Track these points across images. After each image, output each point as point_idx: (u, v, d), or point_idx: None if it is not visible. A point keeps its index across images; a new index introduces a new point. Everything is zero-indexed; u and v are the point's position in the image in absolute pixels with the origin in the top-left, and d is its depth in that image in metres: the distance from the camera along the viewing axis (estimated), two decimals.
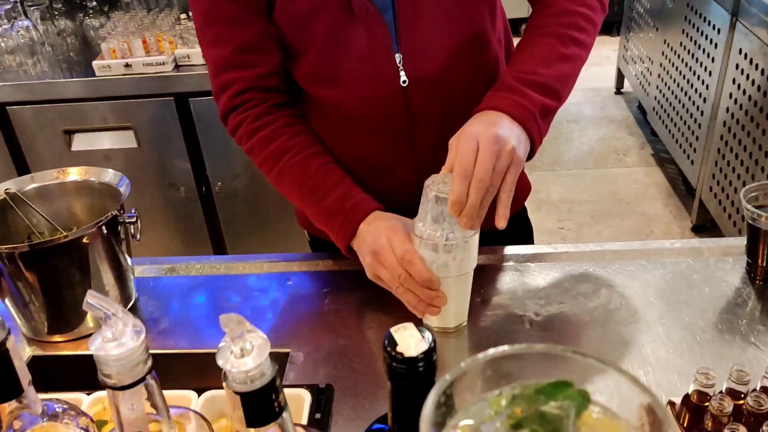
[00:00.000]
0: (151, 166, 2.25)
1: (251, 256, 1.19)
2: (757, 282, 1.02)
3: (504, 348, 0.38)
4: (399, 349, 0.43)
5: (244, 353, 0.40)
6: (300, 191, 1.03)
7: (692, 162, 2.76)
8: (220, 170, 2.26)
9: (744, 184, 2.22)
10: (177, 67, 2.12)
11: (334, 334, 0.99)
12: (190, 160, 2.23)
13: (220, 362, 0.41)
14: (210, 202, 2.34)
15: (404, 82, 1.01)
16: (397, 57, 1.00)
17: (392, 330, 0.44)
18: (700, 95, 2.62)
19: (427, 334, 0.45)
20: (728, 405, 0.71)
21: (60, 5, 2.42)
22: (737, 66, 2.27)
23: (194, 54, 2.11)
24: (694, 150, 2.72)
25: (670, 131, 3.04)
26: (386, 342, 0.44)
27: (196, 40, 2.12)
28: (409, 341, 0.43)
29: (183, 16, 2.28)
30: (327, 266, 1.15)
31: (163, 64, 2.07)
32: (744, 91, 2.22)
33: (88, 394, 0.83)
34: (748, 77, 2.18)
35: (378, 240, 0.93)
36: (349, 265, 1.13)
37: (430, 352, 0.43)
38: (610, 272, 1.08)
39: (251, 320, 0.43)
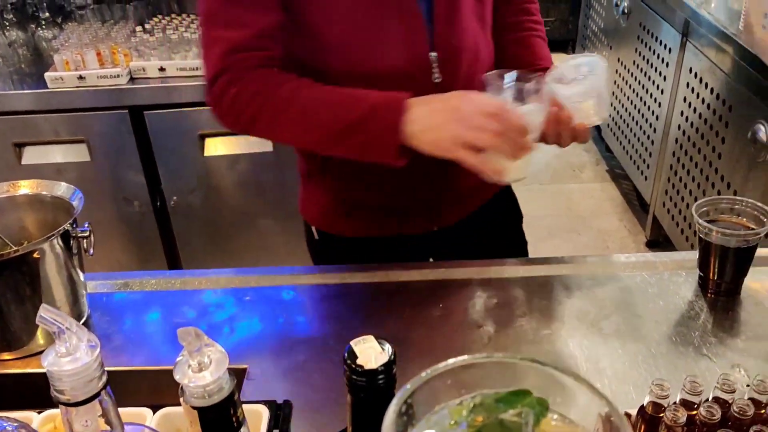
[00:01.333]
0: (105, 180, 2.20)
1: (207, 271, 1.18)
2: (709, 295, 1.05)
3: (464, 357, 0.38)
4: (359, 361, 0.43)
5: (202, 367, 0.39)
6: (331, 110, 0.99)
7: (646, 178, 2.83)
8: (176, 185, 2.23)
9: (696, 200, 2.28)
10: (132, 79, 2.08)
11: (293, 349, 0.98)
12: (144, 174, 2.19)
13: (177, 376, 0.40)
14: (165, 217, 2.30)
15: (437, 79, 1.04)
16: (432, 55, 1.03)
17: (352, 343, 0.44)
18: (653, 113, 2.69)
19: (387, 347, 0.45)
20: (682, 415, 0.73)
21: (11, 16, 2.37)
22: (688, 84, 2.34)
23: (149, 67, 2.08)
24: (648, 166, 2.79)
25: (624, 148, 3.11)
26: (346, 355, 0.43)
27: (151, 53, 2.11)
28: (369, 354, 0.43)
29: (138, 28, 2.25)
30: (285, 281, 1.14)
31: (118, 76, 2.04)
32: (694, 109, 2.29)
33: (39, 413, 0.80)
34: (698, 96, 2.26)
35: (457, 105, 0.93)
36: (308, 279, 1.12)
37: (390, 365, 0.43)
38: (567, 286, 1.09)
39: (207, 336, 0.42)
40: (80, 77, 2.03)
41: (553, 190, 3.43)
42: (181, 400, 0.41)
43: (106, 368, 0.46)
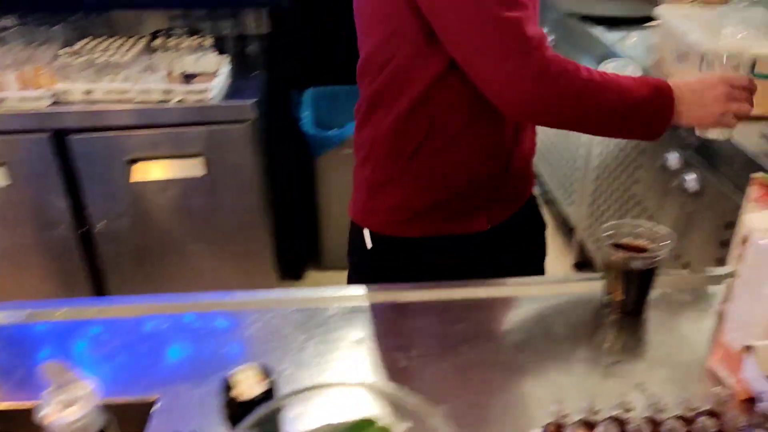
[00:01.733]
0: (26, 205, 2.13)
1: (125, 298, 1.15)
2: (615, 316, 1.08)
3: (305, 387, 0.38)
4: (237, 391, 0.43)
5: (68, 403, 0.39)
6: (622, 92, 1.12)
7: (571, 203, 2.91)
8: (103, 210, 2.18)
9: None
10: (56, 103, 2.04)
11: (210, 378, 0.97)
12: (68, 198, 2.14)
13: (42, 413, 0.39)
14: (90, 244, 2.24)
15: None
16: None
17: (231, 373, 0.44)
18: (577, 140, 2.78)
19: (269, 376, 0.45)
20: None
21: None
22: None
23: (74, 89, 2.04)
24: (573, 192, 2.88)
25: (552, 174, 3.20)
26: (224, 385, 0.43)
27: (78, 75, 2.06)
28: (247, 383, 0.43)
29: (65, 50, 2.20)
30: (212, 307, 1.12)
31: (40, 99, 1.99)
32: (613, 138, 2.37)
33: None
34: None
35: (715, 84, 1.16)
36: (229, 306, 1.11)
37: (268, 394, 0.43)
38: (484, 308, 1.11)
39: (119, 367, 0.41)
40: None
41: None
42: None
43: (2, 405, 0.44)
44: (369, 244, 1.35)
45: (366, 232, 1.36)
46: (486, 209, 1.34)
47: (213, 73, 2.12)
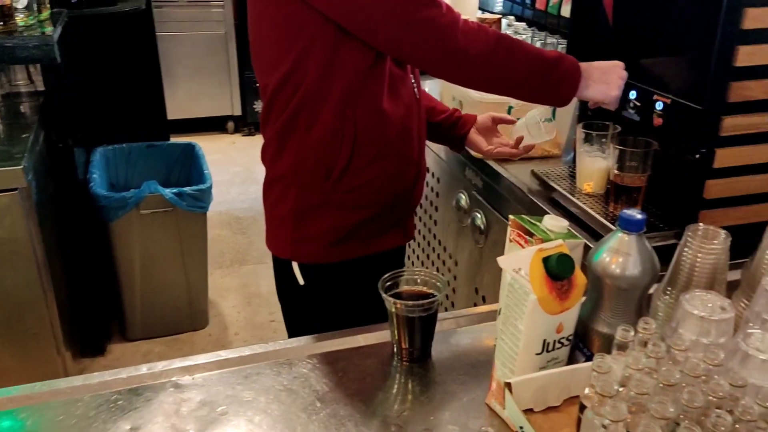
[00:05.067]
0: None
1: None
2: (404, 363, 1.07)
3: None
4: None
5: None
6: (532, 53, 1.26)
7: None
8: None
9: (422, 264, 2.42)
10: None
11: None
12: None
13: None
14: None
15: (417, 94, 1.41)
16: (411, 76, 1.38)
17: None
18: None
19: None
20: None
21: None
22: None
23: None
24: None
25: None
26: None
27: None
28: None
29: None
30: None
31: None
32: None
33: None
34: None
35: (617, 65, 1.34)
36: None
37: None
38: (282, 366, 1.06)
39: None
40: None
41: None
42: None
43: None
44: (301, 281, 1.36)
45: (295, 266, 1.36)
46: (402, 223, 1.43)
47: None
